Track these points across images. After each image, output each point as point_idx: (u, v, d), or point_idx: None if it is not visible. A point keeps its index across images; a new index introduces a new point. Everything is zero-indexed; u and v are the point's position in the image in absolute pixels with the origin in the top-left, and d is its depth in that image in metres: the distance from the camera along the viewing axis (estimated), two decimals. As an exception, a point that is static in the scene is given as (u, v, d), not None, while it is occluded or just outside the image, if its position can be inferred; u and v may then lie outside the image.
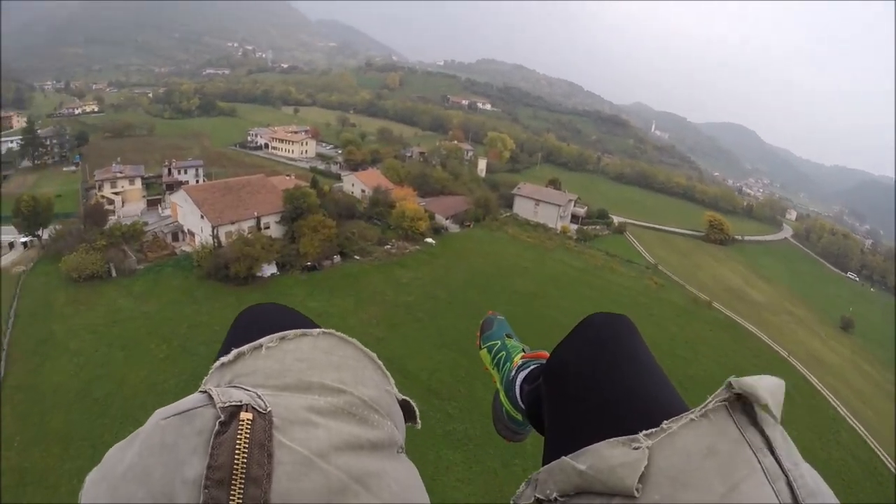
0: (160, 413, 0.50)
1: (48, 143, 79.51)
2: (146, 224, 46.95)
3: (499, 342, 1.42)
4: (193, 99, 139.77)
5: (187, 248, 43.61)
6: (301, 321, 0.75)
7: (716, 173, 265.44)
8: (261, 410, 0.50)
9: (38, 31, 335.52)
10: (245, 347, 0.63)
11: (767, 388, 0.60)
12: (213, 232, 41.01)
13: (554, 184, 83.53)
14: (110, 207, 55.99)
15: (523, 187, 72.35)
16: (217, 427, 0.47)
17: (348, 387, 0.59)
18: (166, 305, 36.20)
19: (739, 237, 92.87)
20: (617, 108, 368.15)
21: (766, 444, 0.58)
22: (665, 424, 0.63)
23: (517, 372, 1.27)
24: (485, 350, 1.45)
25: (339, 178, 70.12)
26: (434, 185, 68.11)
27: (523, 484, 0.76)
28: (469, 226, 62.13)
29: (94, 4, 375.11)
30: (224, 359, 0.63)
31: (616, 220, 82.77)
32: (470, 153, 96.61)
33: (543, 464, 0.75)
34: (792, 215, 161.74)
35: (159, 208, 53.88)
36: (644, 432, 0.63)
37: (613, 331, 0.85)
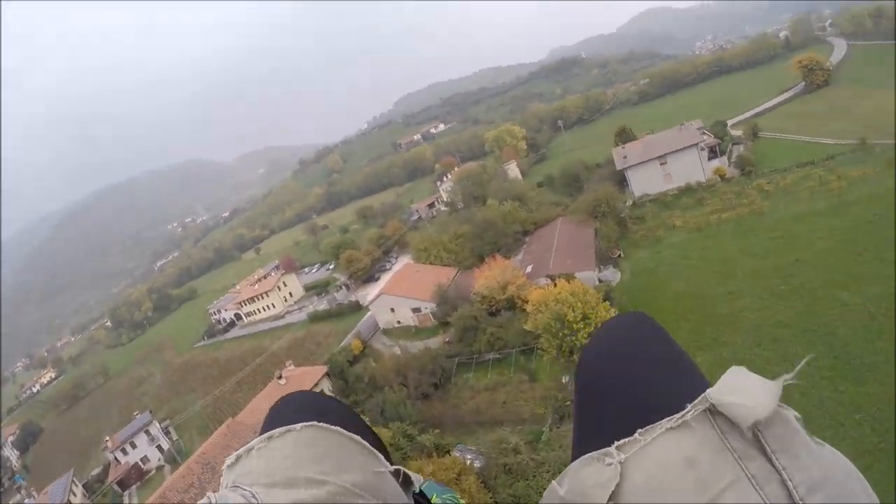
0: None
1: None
2: None
3: None
4: (145, 303, 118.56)
5: None
6: (320, 406, 0.79)
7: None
8: None
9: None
10: (241, 450, 0.67)
11: (748, 401, 0.54)
12: None
13: (624, 133, 57.13)
14: None
15: (628, 150, 45.72)
16: None
17: (331, 477, 0.62)
18: None
19: (829, 67, 76.58)
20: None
21: (755, 445, 0.53)
22: (639, 434, 0.58)
23: None
24: None
25: (357, 307, 42.91)
26: (512, 230, 42.58)
27: None
28: (619, 256, 37.31)
29: (32, 265, 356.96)
30: (228, 461, 0.67)
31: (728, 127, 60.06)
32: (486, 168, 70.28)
33: None
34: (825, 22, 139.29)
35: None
36: (617, 444, 0.59)
37: (622, 332, 0.79)
